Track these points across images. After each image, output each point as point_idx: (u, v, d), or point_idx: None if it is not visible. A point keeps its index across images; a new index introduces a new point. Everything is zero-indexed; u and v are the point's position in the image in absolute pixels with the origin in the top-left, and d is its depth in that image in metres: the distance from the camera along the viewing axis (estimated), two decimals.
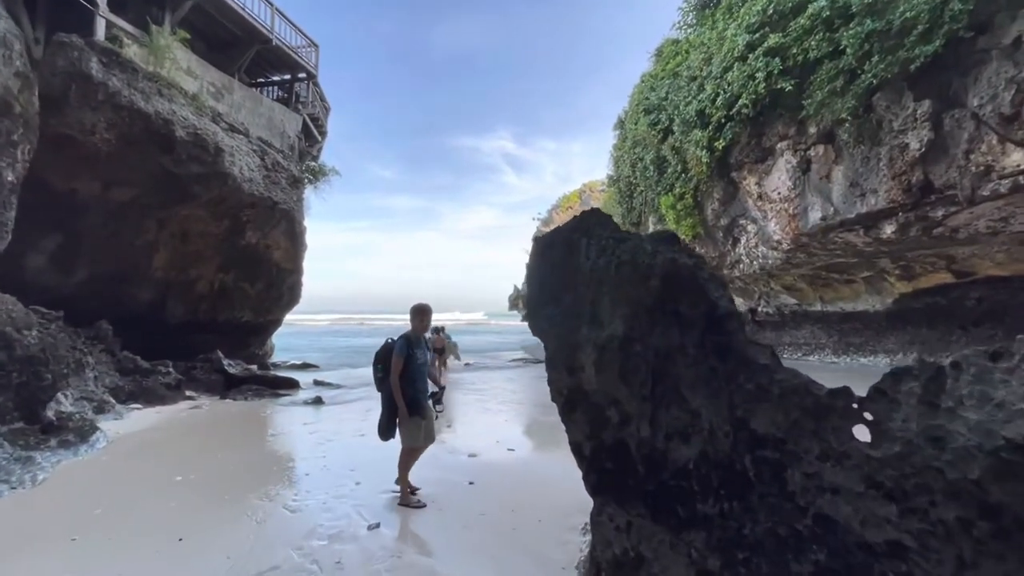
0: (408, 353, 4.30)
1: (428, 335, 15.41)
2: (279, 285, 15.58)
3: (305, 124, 15.73)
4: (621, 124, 26.74)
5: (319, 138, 17.54)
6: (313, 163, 19.90)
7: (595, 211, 3.69)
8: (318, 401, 9.93)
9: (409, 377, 4.30)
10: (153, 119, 9.96)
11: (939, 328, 15.01)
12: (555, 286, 3.39)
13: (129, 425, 7.38)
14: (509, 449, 6.25)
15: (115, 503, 4.40)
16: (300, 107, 15.62)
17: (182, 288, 13.76)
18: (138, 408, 8.57)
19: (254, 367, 15.42)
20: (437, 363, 13.94)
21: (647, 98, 22.88)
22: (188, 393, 10.14)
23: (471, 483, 4.83)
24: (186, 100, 10.92)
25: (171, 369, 10.19)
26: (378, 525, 3.90)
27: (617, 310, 2.95)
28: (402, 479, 4.46)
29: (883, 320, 16.18)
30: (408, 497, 4.40)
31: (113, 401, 8.01)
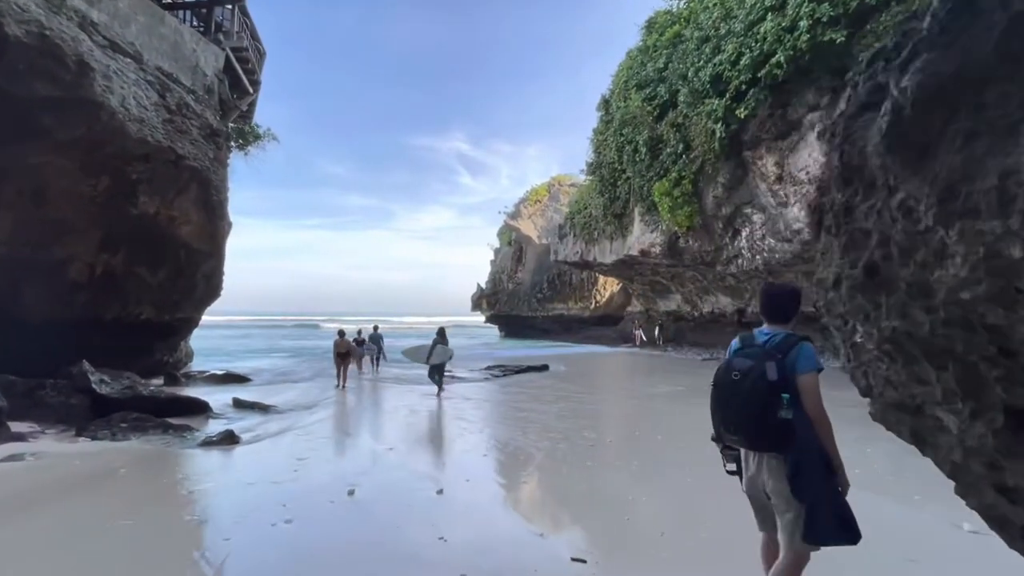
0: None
1: (347, 337, 12.30)
2: (191, 273, 11.83)
3: (230, 64, 12.07)
4: (605, 105, 24.24)
5: (250, 89, 13.85)
6: (244, 126, 16.18)
7: None
8: (229, 439, 6.55)
9: None
10: None
11: None
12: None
13: None
14: (576, 559, 3.27)
15: None
16: (222, 38, 11.94)
17: (44, 272, 9.88)
18: None
19: (158, 381, 11.69)
20: (347, 368, 11.89)
21: (639, 72, 20.43)
22: (17, 429, 6.55)
23: None
24: None
25: None
26: None
27: None
28: None
29: None
30: None
31: None
